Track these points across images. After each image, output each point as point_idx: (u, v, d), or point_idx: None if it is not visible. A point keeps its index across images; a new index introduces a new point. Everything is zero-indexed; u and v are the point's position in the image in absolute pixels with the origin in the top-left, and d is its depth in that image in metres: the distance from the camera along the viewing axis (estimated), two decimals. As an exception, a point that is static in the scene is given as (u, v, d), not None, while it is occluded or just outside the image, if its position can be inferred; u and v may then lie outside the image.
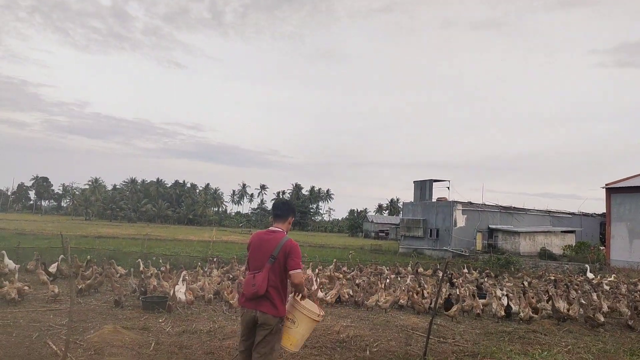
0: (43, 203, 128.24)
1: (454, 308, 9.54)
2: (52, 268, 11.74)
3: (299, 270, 4.07)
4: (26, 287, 9.12)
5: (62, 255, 12.43)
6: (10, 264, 11.55)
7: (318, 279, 12.29)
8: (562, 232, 37.00)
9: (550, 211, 40.62)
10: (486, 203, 37.87)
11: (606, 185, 29.52)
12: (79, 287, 9.93)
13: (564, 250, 33.01)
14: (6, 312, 7.94)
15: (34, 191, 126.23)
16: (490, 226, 36.56)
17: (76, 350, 5.90)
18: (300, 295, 4.23)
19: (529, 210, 39.40)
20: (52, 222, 56.44)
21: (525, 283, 14.50)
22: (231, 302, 9.35)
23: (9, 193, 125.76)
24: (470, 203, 36.74)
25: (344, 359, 6.30)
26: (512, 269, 21.47)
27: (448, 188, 39.33)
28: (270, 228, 4.35)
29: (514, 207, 38.65)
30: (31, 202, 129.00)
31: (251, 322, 4.12)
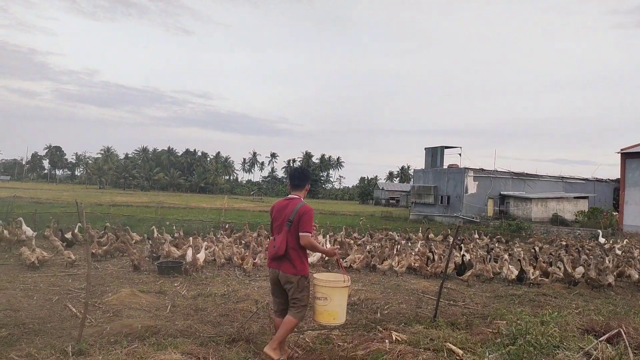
0: (57, 172, 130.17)
1: (468, 273, 9.61)
2: (68, 235, 11.99)
3: (308, 234, 4.39)
4: (45, 254, 9.35)
5: (79, 223, 12.68)
6: (28, 230, 11.81)
7: (329, 245, 12.40)
8: (574, 198, 36.72)
9: (563, 177, 40.21)
10: (498, 169, 37.57)
11: (621, 150, 29.01)
12: (95, 251, 10.16)
13: (576, 216, 32.84)
14: (26, 276, 8.17)
15: (47, 160, 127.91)
16: (501, 193, 36.37)
17: (95, 312, 6.08)
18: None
19: (541, 176, 39.03)
20: (67, 191, 57.36)
21: (537, 248, 14.51)
22: (245, 267, 9.52)
23: (24, 162, 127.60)
24: (482, 169, 36.45)
25: (355, 320, 6.41)
26: (524, 234, 21.46)
27: (460, 154, 39.12)
28: (288, 196, 4.75)
29: (526, 173, 38.30)
30: (45, 171, 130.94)
31: (275, 280, 4.58)
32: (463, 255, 10.63)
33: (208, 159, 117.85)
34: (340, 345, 5.28)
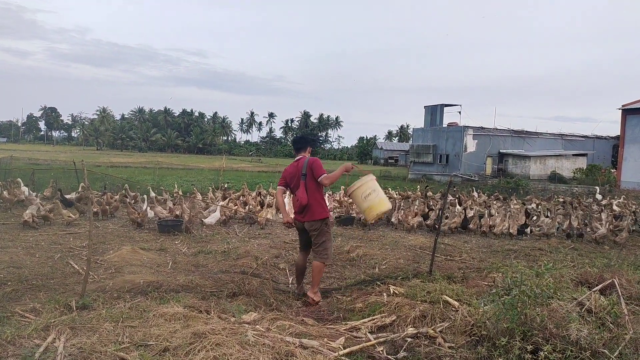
0: (54, 134, 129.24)
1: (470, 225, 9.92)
2: (71, 195, 12.01)
3: (324, 175, 5.18)
4: (50, 214, 9.42)
5: (82, 184, 12.66)
6: (26, 190, 11.82)
7: (329, 204, 12.49)
8: (573, 155, 36.71)
9: (562, 134, 40.04)
10: (498, 127, 37.37)
11: (622, 106, 28.76)
12: (95, 210, 10.21)
13: (574, 173, 32.94)
14: (27, 235, 8.24)
15: (43, 122, 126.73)
16: (500, 151, 36.32)
17: (97, 269, 6.17)
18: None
19: (540, 133, 38.87)
20: (64, 152, 57.14)
21: (534, 205, 14.63)
22: (259, 220, 10.10)
23: (20, 124, 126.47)
24: (482, 128, 36.24)
25: (354, 275, 6.54)
26: (521, 192, 21.59)
27: (459, 113, 38.61)
28: (296, 159, 5.45)
29: (526, 131, 38.11)
30: (42, 132, 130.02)
31: (301, 227, 5.39)
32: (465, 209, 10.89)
33: (205, 119, 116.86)
34: (339, 298, 5.41)
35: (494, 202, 14.82)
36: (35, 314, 4.29)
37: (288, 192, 5.62)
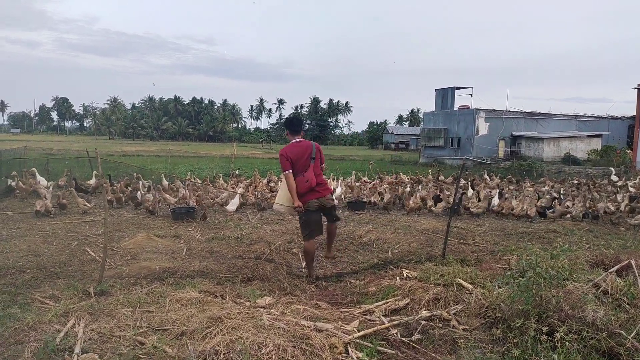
0: (66, 124, 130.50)
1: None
2: (90, 181, 12.17)
3: (324, 165, 5.85)
4: (65, 201, 9.56)
5: (95, 172, 12.82)
6: (42, 180, 11.99)
7: (340, 189, 12.49)
8: (587, 136, 36.14)
9: (576, 115, 39.37)
10: (510, 110, 36.85)
11: (638, 85, 28.14)
12: (109, 198, 10.35)
13: (588, 155, 32.47)
14: (44, 224, 8.38)
15: (55, 112, 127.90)
16: (513, 133, 35.89)
17: (114, 256, 6.27)
18: None
19: (554, 115, 38.27)
20: (77, 142, 57.72)
21: (547, 187, 14.47)
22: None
23: (32, 115, 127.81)
24: (494, 110, 35.79)
25: (367, 259, 6.55)
26: (534, 174, 21.37)
27: (471, 95, 38.31)
28: (295, 140, 5.56)
29: (539, 113, 37.55)
30: (54, 123, 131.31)
31: (319, 207, 5.58)
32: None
33: (215, 107, 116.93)
34: (352, 282, 5.43)
35: (507, 185, 14.69)
36: (55, 300, 4.38)
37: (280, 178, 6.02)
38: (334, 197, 5.78)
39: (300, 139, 5.59)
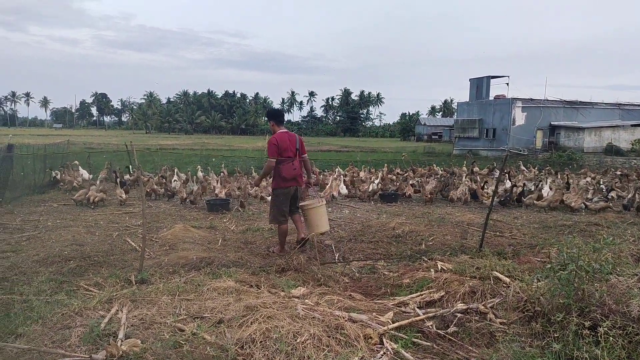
0: (105, 119, 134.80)
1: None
2: (125, 177, 12.57)
3: (306, 155, 6.31)
4: (103, 194, 9.93)
5: (129, 165, 13.24)
6: (84, 173, 12.47)
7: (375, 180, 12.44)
8: (632, 126, 34.52)
9: (620, 104, 37.66)
10: (548, 98, 35.59)
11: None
12: (147, 191, 10.67)
13: (632, 145, 31.06)
14: (87, 215, 8.72)
15: (95, 107, 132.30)
16: (552, 123, 34.68)
17: (152, 246, 6.47)
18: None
19: (595, 103, 36.74)
20: (115, 137, 59.58)
21: (589, 179, 13.95)
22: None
23: (73, 110, 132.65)
24: (531, 99, 34.66)
25: (400, 251, 6.51)
26: (574, 165, 20.64)
27: (507, 84, 37.02)
28: (282, 130, 6.07)
29: (579, 101, 36.13)
30: (94, 118, 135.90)
31: (292, 193, 6.07)
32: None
33: (247, 100, 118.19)
34: (385, 274, 5.41)
35: (546, 177, 14.25)
36: (99, 288, 4.56)
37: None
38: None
39: (288, 130, 6.13)
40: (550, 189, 10.93)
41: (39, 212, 8.99)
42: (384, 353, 3.28)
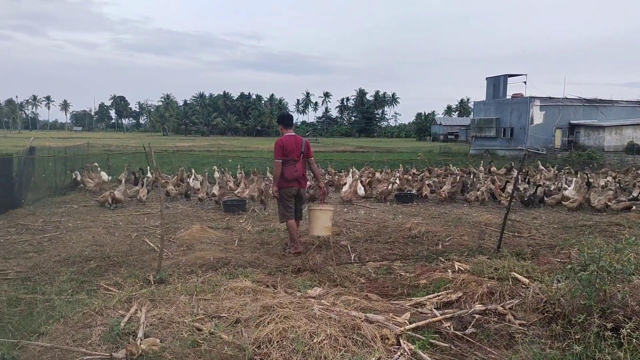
0: (124, 121, 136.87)
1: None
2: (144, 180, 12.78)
3: (313, 158, 6.55)
4: (122, 196, 10.09)
5: (147, 166, 13.41)
6: (103, 175, 12.68)
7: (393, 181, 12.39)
8: (654, 124, 33.73)
9: (641, 101, 36.84)
10: (567, 97, 34.98)
11: None
12: (169, 190, 10.89)
13: (655, 143, 30.35)
14: (107, 216, 8.87)
15: (114, 110, 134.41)
16: (571, 122, 34.06)
17: (170, 246, 6.54)
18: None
19: (616, 101, 35.97)
20: (134, 139, 60.41)
21: (609, 178, 13.68)
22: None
23: (93, 113, 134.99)
24: (550, 98, 34.10)
25: (417, 252, 6.47)
26: (595, 165, 20.25)
27: (525, 83, 36.48)
28: (288, 134, 6.29)
29: (599, 99, 35.42)
30: (113, 120, 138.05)
31: (295, 193, 6.32)
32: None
33: (262, 101, 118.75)
34: (402, 275, 5.38)
35: (565, 176, 14.01)
36: (118, 288, 4.64)
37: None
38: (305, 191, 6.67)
39: (293, 133, 6.36)
40: (577, 188, 10.78)
41: (60, 213, 9.17)
42: (401, 354, 3.26)
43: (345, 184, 12.24)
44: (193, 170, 12.78)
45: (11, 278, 5.07)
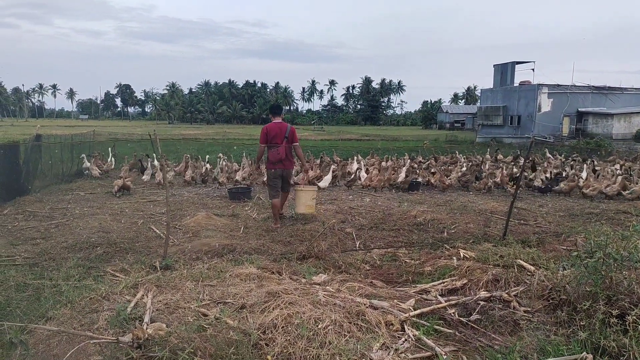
0: (129, 109, 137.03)
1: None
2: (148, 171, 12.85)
3: (298, 143, 7.30)
4: (129, 182, 10.14)
5: (153, 154, 13.45)
6: (112, 163, 12.78)
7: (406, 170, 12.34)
8: (664, 111, 33.31)
9: (651, 89, 36.34)
10: (576, 84, 34.57)
11: None
12: (187, 178, 11.24)
13: (664, 131, 30.02)
14: (113, 203, 8.91)
15: (119, 98, 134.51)
16: (579, 109, 33.72)
17: (176, 233, 6.58)
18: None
19: (625, 89, 35.53)
20: (140, 127, 60.51)
21: (617, 166, 13.56)
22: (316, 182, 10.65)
23: (99, 101, 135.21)
24: (558, 85, 33.73)
25: (422, 239, 6.46)
26: (603, 153, 20.07)
27: (532, 70, 36.06)
28: (275, 121, 7.17)
29: (608, 87, 34.99)
30: (119, 109, 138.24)
31: (280, 174, 7.17)
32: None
33: (268, 89, 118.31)
34: (407, 262, 5.38)
35: (572, 164, 13.91)
36: (125, 274, 4.67)
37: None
38: (291, 172, 7.64)
39: (280, 121, 7.20)
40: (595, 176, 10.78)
41: (67, 200, 9.23)
42: (406, 339, 3.27)
43: (349, 172, 12.21)
44: (207, 157, 12.79)
45: (19, 264, 5.12)
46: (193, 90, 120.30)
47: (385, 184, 10.83)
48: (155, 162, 12.83)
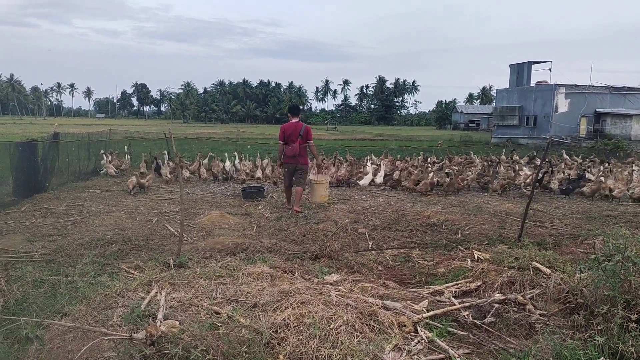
0: (145, 108, 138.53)
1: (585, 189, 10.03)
2: (165, 168, 12.96)
3: (312, 141, 8.05)
4: (144, 181, 10.24)
5: (165, 151, 13.57)
6: (128, 160, 12.93)
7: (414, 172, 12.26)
8: (685, 112, 32.53)
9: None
10: (594, 84, 33.95)
11: None
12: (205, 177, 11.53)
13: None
14: (128, 201, 9.01)
15: (135, 97, 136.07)
16: (597, 110, 33.11)
17: (190, 231, 6.62)
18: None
19: (645, 89, 34.79)
20: (155, 126, 61.14)
21: (635, 168, 13.28)
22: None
23: (115, 100, 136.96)
24: (575, 85, 33.16)
25: (435, 240, 6.41)
26: (621, 154, 19.68)
27: (549, 70, 35.50)
28: (292, 120, 8.03)
29: (627, 87, 34.30)
30: (134, 108, 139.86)
31: (292, 170, 8.01)
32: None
33: (282, 89, 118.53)
34: (420, 263, 5.34)
35: (590, 166, 13.66)
36: (139, 271, 4.72)
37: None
38: (304, 168, 8.14)
39: (297, 120, 8.02)
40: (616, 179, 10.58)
41: (83, 197, 9.36)
42: (419, 341, 3.25)
43: (362, 171, 12.16)
44: (227, 155, 12.89)
45: (36, 260, 5.20)
46: (208, 89, 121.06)
47: (429, 188, 10.46)
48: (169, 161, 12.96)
